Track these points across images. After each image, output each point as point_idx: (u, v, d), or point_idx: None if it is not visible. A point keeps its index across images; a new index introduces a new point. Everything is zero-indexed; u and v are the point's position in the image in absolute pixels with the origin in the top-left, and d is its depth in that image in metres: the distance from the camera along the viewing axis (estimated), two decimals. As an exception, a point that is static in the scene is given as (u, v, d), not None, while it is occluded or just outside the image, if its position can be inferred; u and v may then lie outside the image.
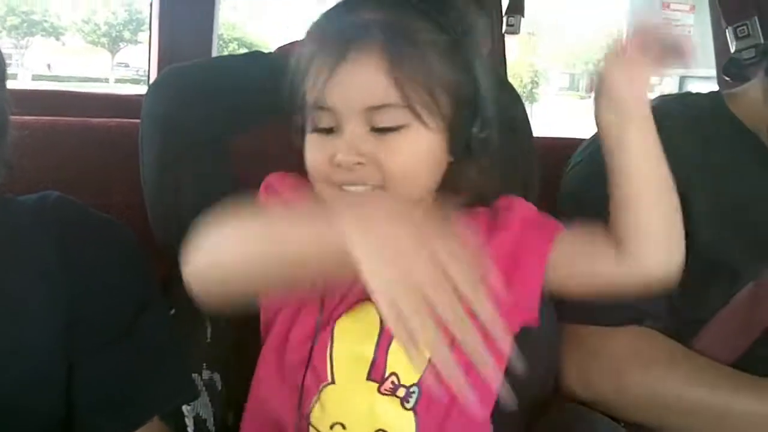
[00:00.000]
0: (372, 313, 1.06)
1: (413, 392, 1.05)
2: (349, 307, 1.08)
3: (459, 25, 1.03)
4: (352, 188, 1.01)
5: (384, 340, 1.06)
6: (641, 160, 1.06)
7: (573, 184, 1.53)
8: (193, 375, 1.25)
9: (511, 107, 1.41)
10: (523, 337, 1.06)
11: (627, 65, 1.00)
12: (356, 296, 1.07)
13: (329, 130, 1.01)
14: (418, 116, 0.98)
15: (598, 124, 1.06)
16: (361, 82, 0.98)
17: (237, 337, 1.30)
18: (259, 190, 1.14)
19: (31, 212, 1.13)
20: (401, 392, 1.05)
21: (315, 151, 1.04)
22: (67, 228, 1.13)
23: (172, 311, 1.26)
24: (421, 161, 1.02)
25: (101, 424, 1.11)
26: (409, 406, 1.05)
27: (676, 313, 1.40)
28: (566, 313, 1.37)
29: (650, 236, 1.06)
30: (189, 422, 1.22)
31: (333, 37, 1.01)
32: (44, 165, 1.38)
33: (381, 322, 1.05)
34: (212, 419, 1.26)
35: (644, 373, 1.33)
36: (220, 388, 1.29)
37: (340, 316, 1.08)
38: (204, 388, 1.26)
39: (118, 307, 1.14)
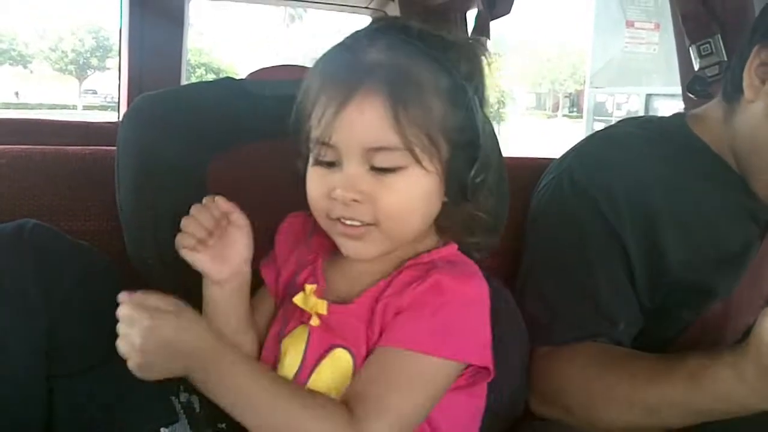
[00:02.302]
0: (303, 336, 1.11)
1: None
2: (293, 329, 1.13)
3: (462, 66, 1.05)
4: (348, 222, 1.05)
5: (307, 364, 1.09)
6: None
7: (535, 207, 1.56)
8: (171, 398, 1.26)
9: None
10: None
11: None
12: (298, 321, 1.13)
13: (331, 164, 1.05)
14: (417, 159, 1.01)
15: None
16: (364, 124, 1.00)
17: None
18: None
19: (8, 241, 1.13)
20: None
21: (316, 183, 1.07)
22: (45, 256, 1.14)
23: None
24: (415, 203, 1.05)
25: (82, 448, 1.13)
26: None
27: (644, 333, 1.43)
28: (530, 336, 1.40)
29: None
30: (168, 444, 1.23)
31: (340, 76, 1.04)
32: (20, 193, 1.39)
33: (306, 345, 1.10)
34: (191, 440, 1.27)
35: (582, 373, 1.34)
36: (198, 409, 1.29)
37: (286, 336, 1.13)
38: (182, 411, 1.26)
39: (95, 332, 1.14)
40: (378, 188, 1.02)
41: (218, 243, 1.09)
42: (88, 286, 1.15)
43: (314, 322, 1.09)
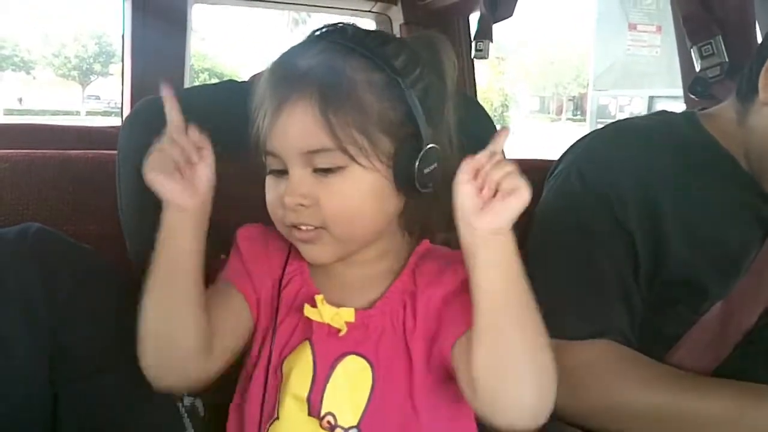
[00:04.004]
0: (307, 352, 1.10)
1: None
2: (294, 347, 1.12)
3: (397, 61, 1.05)
4: (303, 227, 1.05)
5: (319, 378, 1.08)
6: (493, 281, 0.95)
7: (543, 199, 1.55)
8: (177, 404, 1.26)
9: (483, 130, 1.43)
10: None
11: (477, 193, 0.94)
12: (300, 336, 1.12)
13: (282, 172, 1.06)
14: (352, 158, 1.01)
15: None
16: (297, 128, 1.02)
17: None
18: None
19: (12, 244, 1.14)
20: None
21: (270, 192, 1.09)
22: (48, 259, 1.14)
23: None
24: (361, 202, 1.04)
25: (86, 453, 1.13)
26: None
27: (643, 327, 1.43)
28: None
29: (487, 375, 0.97)
30: (172, 449, 1.23)
31: (275, 85, 1.06)
32: (23, 197, 1.39)
33: (314, 360, 1.09)
34: (195, 444, 1.27)
35: (596, 384, 1.34)
36: (202, 413, 1.30)
37: (287, 355, 1.12)
38: (186, 415, 1.26)
39: (99, 337, 1.15)
40: (321, 190, 1.03)
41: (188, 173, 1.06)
42: (90, 289, 1.15)
43: (343, 330, 1.08)
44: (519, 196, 0.92)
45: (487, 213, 0.92)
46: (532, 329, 0.97)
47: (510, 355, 0.96)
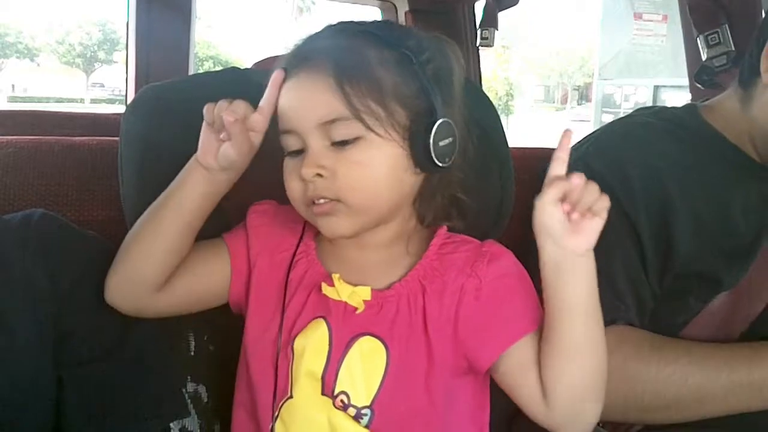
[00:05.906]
0: (322, 330, 1.10)
1: (365, 414, 1.07)
2: (305, 325, 1.12)
3: (409, 41, 1.06)
4: (321, 201, 1.06)
5: (334, 357, 1.09)
6: (579, 297, 1.03)
7: None
8: (181, 390, 1.27)
9: (486, 119, 1.42)
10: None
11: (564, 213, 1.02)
12: (310, 314, 1.12)
13: (299, 152, 1.07)
14: (369, 127, 1.02)
15: (538, 249, 1.06)
16: (312, 99, 1.03)
17: (220, 349, 1.32)
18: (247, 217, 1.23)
19: (16, 231, 1.14)
20: (352, 411, 1.07)
21: (289, 172, 1.10)
22: (52, 246, 1.14)
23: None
24: (378, 172, 1.05)
25: (90, 436, 1.13)
26: (363, 423, 1.07)
27: (654, 317, 1.42)
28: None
29: (574, 392, 1.05)
30: (175, 434, 1.23)
31: (291, 65, 1.08)
32: (28, 182, 1.39)
33: (330, 338, 1.10)
34: (198, 430, 1.27)
35: (621, 369, 1.34)
36: (206, 400, 1.30)
37: (298, 333, 1.12)
38: (189, 401, 1.27)
39: (103, 322, 1.15)
40: (338, 162, 1.03)
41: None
42: (95, 275, 1.15)
43: (360, 308, 1.09)
44: (604, 217, 1.02)
45: (579, 234, 1.01)
46: (604, 344, 1.06)
47: (592, 370, 1.05)
